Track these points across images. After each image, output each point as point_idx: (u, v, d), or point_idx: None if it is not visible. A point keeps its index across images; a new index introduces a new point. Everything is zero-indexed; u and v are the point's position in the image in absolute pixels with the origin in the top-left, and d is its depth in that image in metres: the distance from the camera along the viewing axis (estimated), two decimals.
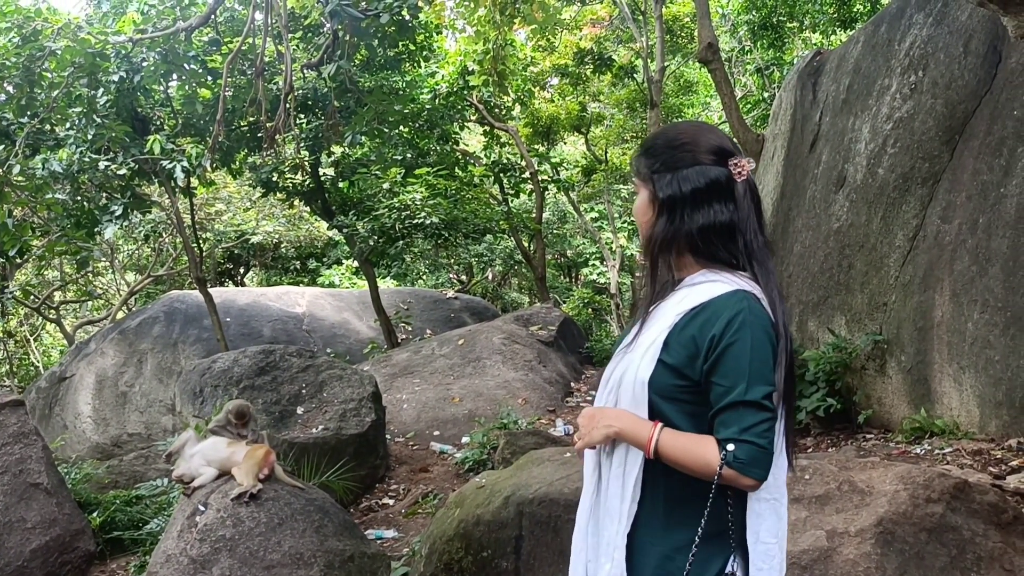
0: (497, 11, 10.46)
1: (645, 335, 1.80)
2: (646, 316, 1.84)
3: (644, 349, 1.77)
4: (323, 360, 7.62)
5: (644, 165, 1.88)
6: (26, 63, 9.27)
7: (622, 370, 1.82)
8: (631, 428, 1.74)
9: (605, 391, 1.87)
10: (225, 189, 15.60)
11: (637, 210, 1.90)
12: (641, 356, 1.77)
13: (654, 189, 1.84)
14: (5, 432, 4.62)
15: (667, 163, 1.83)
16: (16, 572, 4.19)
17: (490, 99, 13.79)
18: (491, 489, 4.60)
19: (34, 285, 16.45)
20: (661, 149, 1.86)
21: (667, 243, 1.82)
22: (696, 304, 1.75)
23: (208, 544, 3.90)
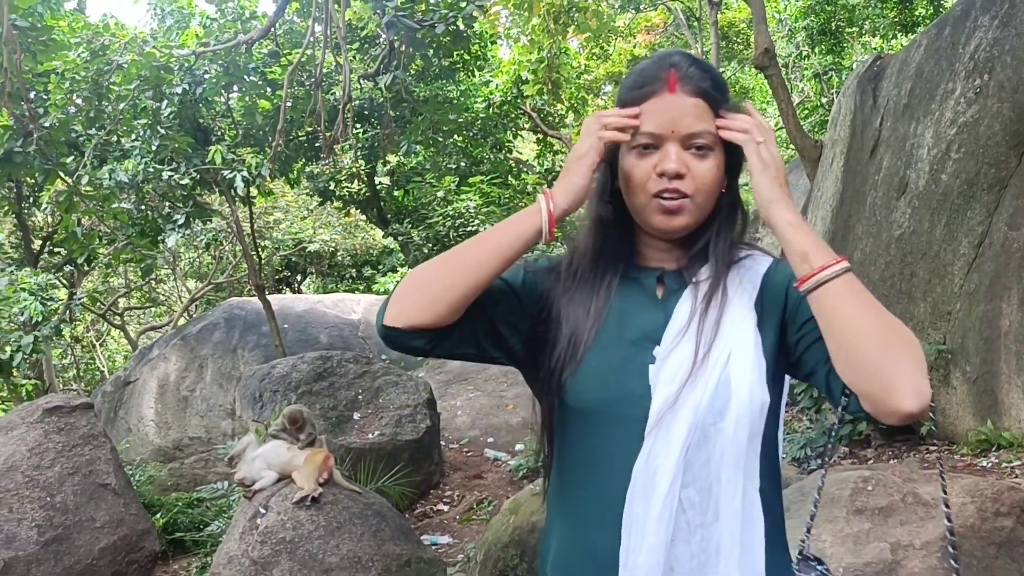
0: (551, 20, 10.51)
1: (723, 342, 1.29)
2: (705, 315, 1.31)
3: (750, 360, 1.29)
4: (379, 366, 7.71)
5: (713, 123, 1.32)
6: (94, 77, 9.58)
7: (699, 396, 1.26)
8: (810, 231, 1.26)
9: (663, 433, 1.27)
10: (283, 198, 15.88)
11: (716, 174, 1.32)
12: (747, 373, 1.27)
13: (727, 145, 1.33)
14: (76, 434, 4.77)
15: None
16: (86, 570, 4.33)
17: (543, 107, 13.83)
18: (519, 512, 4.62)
19: (100, 292, 16.94)
20: (727, 90, 1.37)
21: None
22: (763, 272, 1.37)
23: (269, 546, 3.98)
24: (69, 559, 4.32)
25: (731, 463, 1.26)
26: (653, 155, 1.31)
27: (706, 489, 1.27)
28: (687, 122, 1.29)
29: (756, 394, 1.27)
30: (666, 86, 1.30)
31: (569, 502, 1.38)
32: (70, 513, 4.44)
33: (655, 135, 1.30)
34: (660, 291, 1.39)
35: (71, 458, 4.64)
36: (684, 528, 1.27)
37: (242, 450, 4.55)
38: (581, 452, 1.36)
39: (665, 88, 1.30)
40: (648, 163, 1.31)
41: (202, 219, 12.03)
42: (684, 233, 1.35)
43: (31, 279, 9.88)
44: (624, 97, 1.35)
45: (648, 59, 1.43)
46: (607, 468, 1.32)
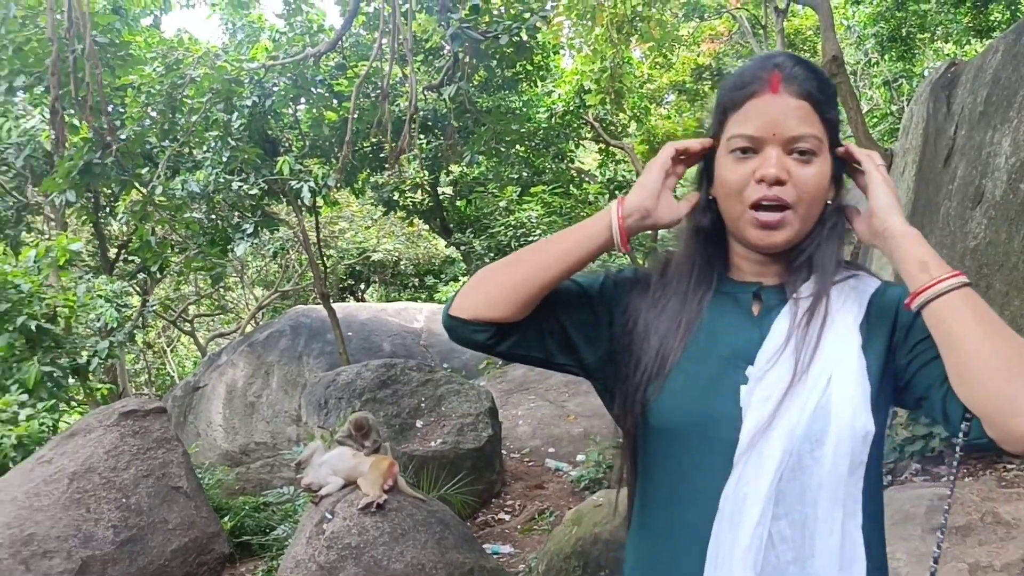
0: (614, 30, 10.49)
1: (824, 363, 1.19)
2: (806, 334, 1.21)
3: (853, 384, 1.18)
4: (441, 375, 7.76)
5: (834, 117, 1.27)
6: (168, 90, 9.88)
7: (795, 420, 1.17)
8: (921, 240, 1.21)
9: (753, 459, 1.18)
10: (348, 208, 16.14)
11: (823, 181, 1.24)
12: (850, 397, 1.17)
13: (831, 160, 1.26)
14: (149, 437, 4.91)
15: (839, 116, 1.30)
16: (159, 570, 4.44)
17: (606, 117, 13.80)
18: (609, 508, 4.58)
19: (172, 299, 17.43)
20: (835, 93, 1.31)
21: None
22: (871, 293, 1.27)
23: (335, 551, 4.04)
24: (143, 559, 4.45)
25: (829, 496, 1.16)
26: (752, 160, 1.22)
27: (800, 523, 1.17)
28: (790, 124, 1.21)
29: (859, 421, 1.16)
30: (769, 87, 1.22)
31: (652, 527, 1.32)
32: (144, 514, 4.57)
33: (754, 138, 1.22)
34: (756, 307, 1.30)
35: (145, 461, 4.78)
36: (774, 563, 1.17)
37: (309, 456, 4.63)
38: (665, 474, 1.29)
39: (768, 89, 1.22)
40: (746, 168, 1.23)
41: (270, 228, 12.29)
42: (784, 249, 1.26)
43: (107, 286, 10.21)
44: (724, 98, 1.28)
45: (751, 59, 1.38)
46: (693, 493, 1.23)
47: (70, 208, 11.37)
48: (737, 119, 1.24)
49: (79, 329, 11.26)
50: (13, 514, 4.47)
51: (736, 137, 1.23)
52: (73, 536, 4.38)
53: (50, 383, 8.86)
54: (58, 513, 4.45)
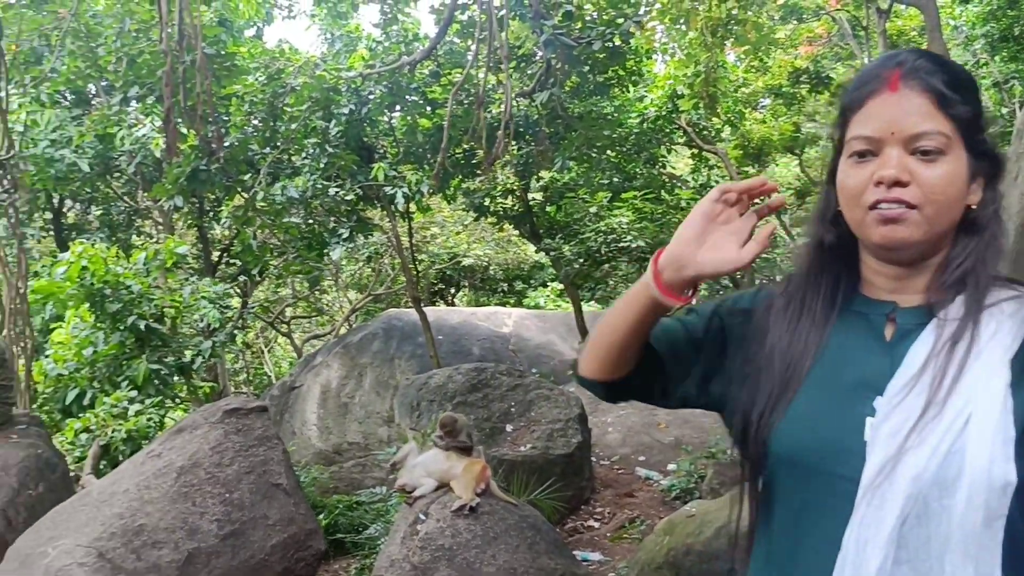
0: (709, 33, 10.33)
1: (962, 400, 1.08)
2: (945, 365, 1.10)
3: (993, 427, 1.06)
4: (531, 380, 7.79)
5: (968, 111, 1.15)
6: (270, 99, 10.22)
7: (923, 463, 1.07)
8: None
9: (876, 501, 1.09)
10: (440, 213, 16.36)
11: (951, 180, 1.14)
12: (988, 442, 1.06)
13: (976, 151, 1.16)
14: (251, 435, 5.08)
15: (982, 112, 1.18)
16: (259, 564, 4.59)
17: (699, 121, 13.61)
18: (702, 519, 4.52)
19: (270, 301, 17.99)
20: (972, 87, 1.18)
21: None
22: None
23: (428, 552, 4.10)
24: (244, 553, 4.60)
25: (959, 549, 1.05)
26: (871, 162, 1.15)
27: (924, 574, 1.07)
28: (910, 122, 1.12)
29: (998, 469, 1.04)
30: (888, 84, 1.15)
31: (774, 561, 1.25)
32: (246, 510, 4.73)
33: (872, 139, 1.15)
34: (890, 331, 1.20)
35: (247, 457, 4.95)
36: None
37: (403, 457, 4.72)
38: (787, 506, 1.22)
39: (887, 87, 1.15)
40: (865, 171, 1.16)
41: (364, 233, 12.57)
42: (909, 249, 1.16)
43: (210, 288, 10.60)
44: (845, 100, 1.22)
45: (876, 58, 1.33)
46: (815, 530, 1.17)
47: (177, 213, 11.87)
48: (857, 120, 1.18)
49: (183, 329, 11.71)
50: (125, 505, 4.69)
51: (854, 139, 1.17)
52: (180, 528, 4.56)
53: (157, 380, 9.26)
54: (166, 505, 4.65)
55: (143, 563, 4.40)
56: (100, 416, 8.56)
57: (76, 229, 14.44)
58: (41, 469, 6.03)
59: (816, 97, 14.47)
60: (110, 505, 4.72)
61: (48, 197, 13.15)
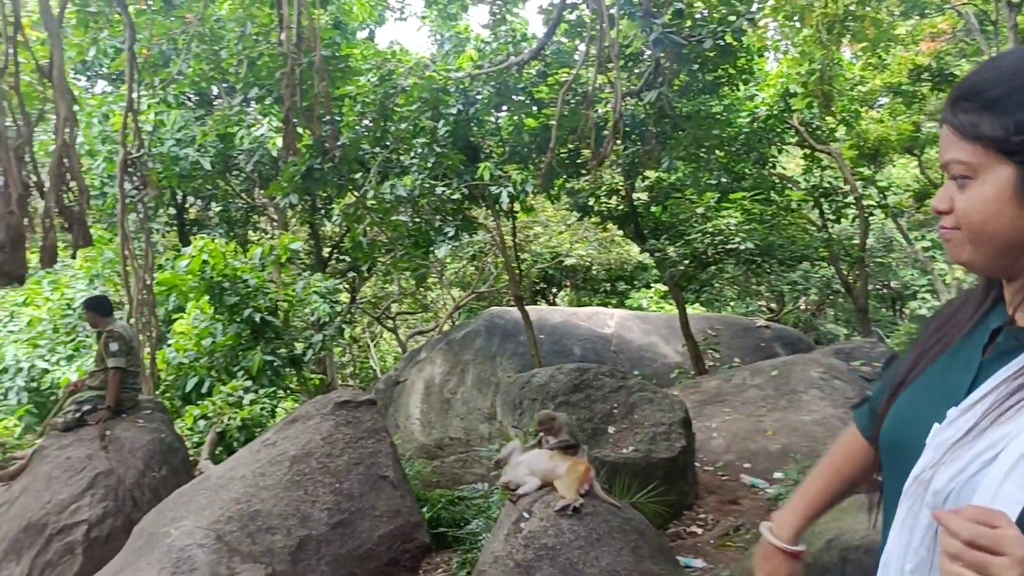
0: (824, 30, 10.03)
1: (1002, 431, 1.08)
2: (1004, 396, 1.11)
3: (1008, 468, 1.04)
4: (634, 382, 7.71)
5: (1004, 125, 1.09)
6: (381, 100, 10.45)
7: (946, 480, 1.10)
8: None
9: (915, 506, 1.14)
10: (543, 213, 16.41)
11: (981, 205, 1.12)
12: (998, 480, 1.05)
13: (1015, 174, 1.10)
14: (361, 427, 5.22)
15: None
16: (367, 554, 4.71)
17: (812, 121, 13.21)
18: (812, 530, 4.38)
19: (378, 297, 18.44)
20: (1009, 101, 1.11)
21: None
22: None
23: (532, 551, 4.11)
24: (353, 542, 4.72)
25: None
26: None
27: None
28: (944, 155, 1.17)
29: (1002, 499, 1.03)
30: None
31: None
32: (355, 500, 4.85)
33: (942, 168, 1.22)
34: (990, 348, 1.20)
35: (357, 449, 5.08)
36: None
37: (507, 455, 4.74)
38: (885, 499, 1.31)
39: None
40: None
41: (469, 232, 12.71)
42: (973, 268, 1.19)
43: (321, 283, 10.93)
44: None
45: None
46: (886, 516, 1.26)
47: (292, 210, 12.28)
48: None
49: (295, 322, 12.13)
50: (242, 490, 4.88)
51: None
52: (292, 515, 4.72)
53: (270, 371, 9.61)
54: (280, 492, 4.82)
55: (257, 547, 4.57)
56: (217, 404, 8.95)
57: (197, 224, 15.14)
58: (164, 453, 6.35)
59: (938, 95, 13.83)
60: (228, 490, 4.93)
61: (172, 194, 13.83)
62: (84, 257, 11.26)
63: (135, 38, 7.99)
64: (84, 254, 10.81)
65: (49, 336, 11.52)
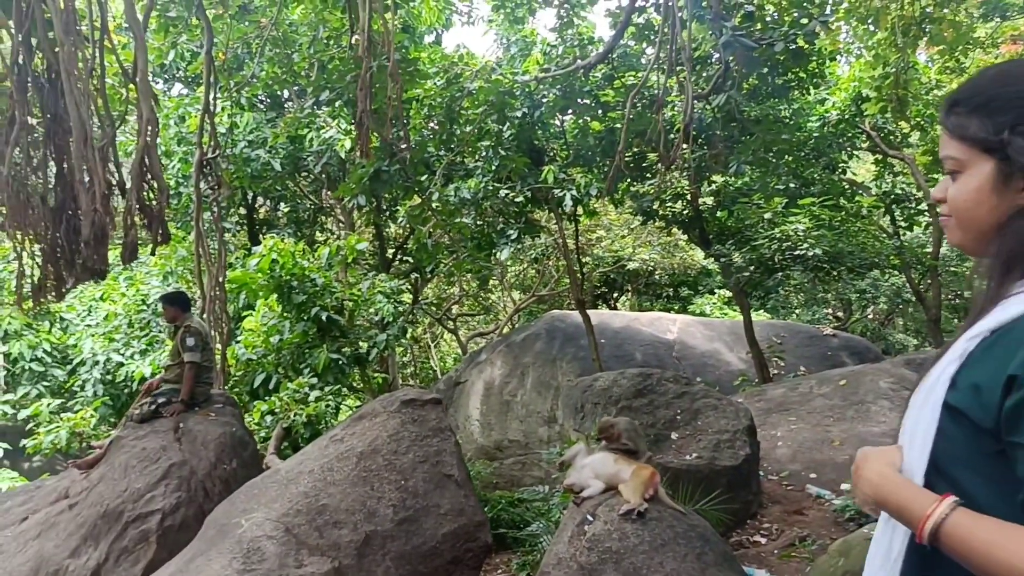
0: (900, 33, 9.78)
1: (936, 370, 1.32)
2: (948, 344, 1.34)
3: (928, 390, 1.31)
4: (698, 388, 7.64)
5: (986, 127, 1.29)
6: (448, 103, 10.55)
7: (913, 417, 1.35)
8: (895, 496, 1.26)
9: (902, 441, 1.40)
10: (606, 216, 16.35)
11: (966, 194, 1.31)
12: (924, 399, 1.31)
13: (1008, 160, 1.26)
14: (427, 425, 5.28)
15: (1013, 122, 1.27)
16: (431, 551, 4.76)
17: (884, 126, 12.91)
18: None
19: (440, 298, 18.59)
20: (1014, 99, 1.27)
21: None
22: (994, 327, 1.23)
23: (596, 554, 4.10)
24: (417, 539, 4.78)
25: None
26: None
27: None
28: (940, 151, 1.39)
29: (917, 433, 1.31)
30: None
31: None
32: (420, 497, 4.91)
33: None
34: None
35: (422, 447, 5.14)
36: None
37: (572, 457, 4.74)
38: None
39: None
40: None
41: (532, 235, 12.75)
42: (964, 250, 1.39)
43: (386, 283, 11.07)
44: None
45: None
46: None
47: (359, 211, 12.47)
48: None
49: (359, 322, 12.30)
50: (310, 485, 4.98)
51: None
52: (359, 511, 4.80)
53: (335, 369, 9.76)
54: (347, 488, 4.90)
55: (324, 540, 4.66)
56: (283, 400, 9.13)
57: (266, 224, 15.47)
58: (235, 446, 6.51)
59: None
60: (296, 484, 5.03)
61: (243, 194, 14.16)
62: (159, 255, 11.60)
63: (212, 42, 8.21)
64: (159, 252, 11.13)
65: (124, 331, 11.90)
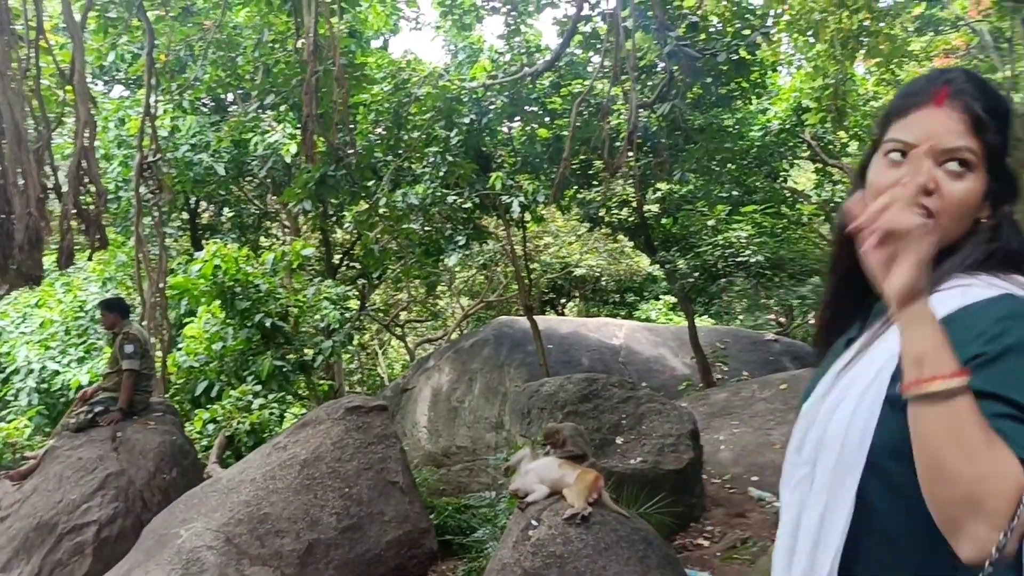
0: (838, 45, 10.05)
1: (864, 362, 1.22)
2: (873, 334, 1.24)
3: (865, 384, 1.19)
4: (643, 393, 7.71)
5: (998, 137, 1.23)
6: (395, 108, 10.52)
7: (827, 415, 1.23)
8: (924, 323, 1.07)
9: (801, 451, 1.28)
10: (553, 223, 16.44)
11: (973, 198, 1.21)
12: (860, 395, 1.18)
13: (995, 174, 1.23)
14: (371, 432, 5.25)
15: (1009, 140, 1.26)
16: (374, 559, 4.73)
17: (824, 135, 13.22)
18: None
19: (388, 304, 18.47)
20: (1007, 116, 1.26)
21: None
22: (942, 316, 1.15)
23: (540, 558, 4.12)
24: (361, 547, 4.75)
25: (819, 482, 1.22)
26: (902, 166, 1.22)
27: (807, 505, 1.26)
28: (948, 137, 1.20)
29: (858, 421, 1.16)
30: (934, 99, 1.23)
31: None
32: (364, 505, 4.88)
33: (908, 144, 1.22)
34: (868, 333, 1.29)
35: (367, 454, 5.11)
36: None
37: (517, 462, 4.76)
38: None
39: (932, 101, 1.22)
40: (897, 173, 1.21)
41: (480, 241, 12.75)
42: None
43: (332, 289, 10.96)
44: (892, 105, 1.30)
45: (929, 71, 1.38)
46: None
47: (304, 216, 12.35)
48: (899, 125, 1.25)
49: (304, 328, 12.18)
50: (252, 493, 4.92)
51: (893, 140, 1.25)
52: (302, 519, 4.75)
53: (280, 376, 9.64)
54: (290, 496, 4.85)
55: (266, 550, 4.60)
56: (226, 408, 8.98)
57: (210, 229, 15.21)
58: (175, 455, 6.40)
59: None
60: (238, 493, 4.96)
61: (186, 198, 13.90)
62: (98, 260, 11.34)
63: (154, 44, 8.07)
64: (98, 257, 10.88)
65: (61, 338, 11.58)
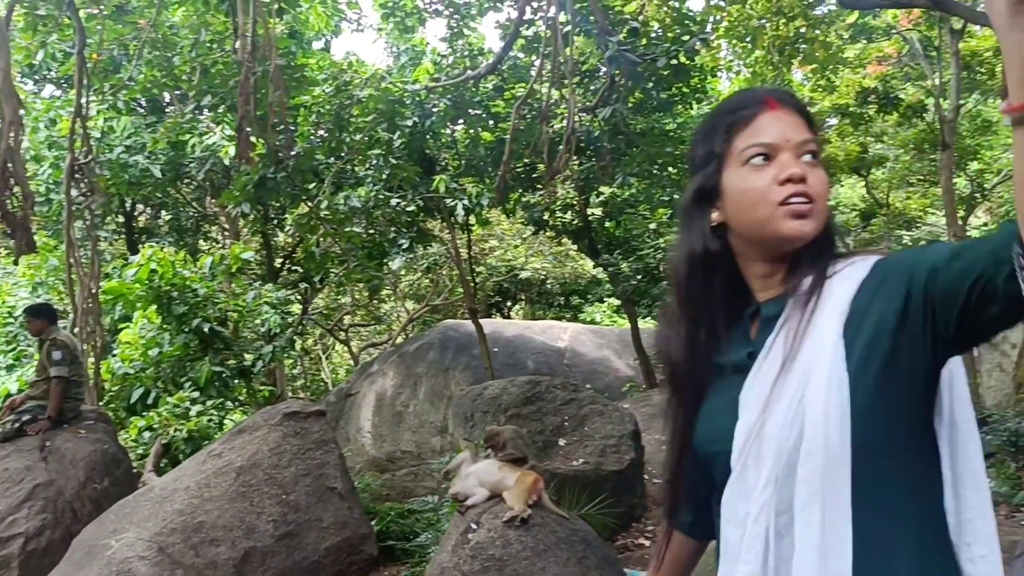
0: (775, 52, 10.24)
1: (806, 355, 1.21)
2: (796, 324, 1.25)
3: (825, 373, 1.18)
4: (586, 395, 7.75)
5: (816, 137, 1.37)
6: (337, 110, 10.41)
7: (790, 422, 1.19)
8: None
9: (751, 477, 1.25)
10: (499, 226, 16.46)
11: (826, 187, 1.31)
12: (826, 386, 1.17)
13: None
14: (309, 438, 5.18)
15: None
16: (312, 566, 4.66)
17: None
18: None
19: (331, 308, 18.28)
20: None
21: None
22: (862, 277, 1.23)
23: (479, 562, 4.11)
24: (299, 554, 4.68)
25: (806, 491, 1.18)
26: (770, 166, 1.29)
27: (790, 520, 1.21)
28: (797, 133, 1.30)
29: (833, 413, 1.16)
30: (768, 106, 1.32)
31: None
32: (302, 511, 4.81)
33: (771, 145, 1.29)
34: (755, 326, 1.36)
35: (305, 460, 5.04)
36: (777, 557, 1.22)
37: (457, 466, 4.74)
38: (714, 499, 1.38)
39: (767, 108, 1.32)
40: (766, 174, 1.29)
41: (424, 244, 12.70)
42: (809, 239, 1.28)
43: (273, 294, 10.81)
44: (726, 120, 1.34)
45: (739, 92, 1.44)
46: (716, 511, 1.35)
47: (244, 219, 12.15)
48: (747, 134, 1.31)
49: (245, 333, 11.97)
50: (186, 502, 4.81)
51: (752, 147, 1.30)
52: (238, 527, 4.66)
53: (219, 382, 9.46)
54: (225, 504, 4.76)
55: (201, 559, 4.50)
56: (163, 415, 8.78)
57: (146, 233, 14.88)
58: (107, 464, 6.23)
59: (884, 117, 14.19)
60: (171, 501, 4.85)
61: (121, 201, 13.58)
62: (27, 264, 10.99)
63: (85, 42, 7.87)
64: (27, 261, 10.56)
65: None
